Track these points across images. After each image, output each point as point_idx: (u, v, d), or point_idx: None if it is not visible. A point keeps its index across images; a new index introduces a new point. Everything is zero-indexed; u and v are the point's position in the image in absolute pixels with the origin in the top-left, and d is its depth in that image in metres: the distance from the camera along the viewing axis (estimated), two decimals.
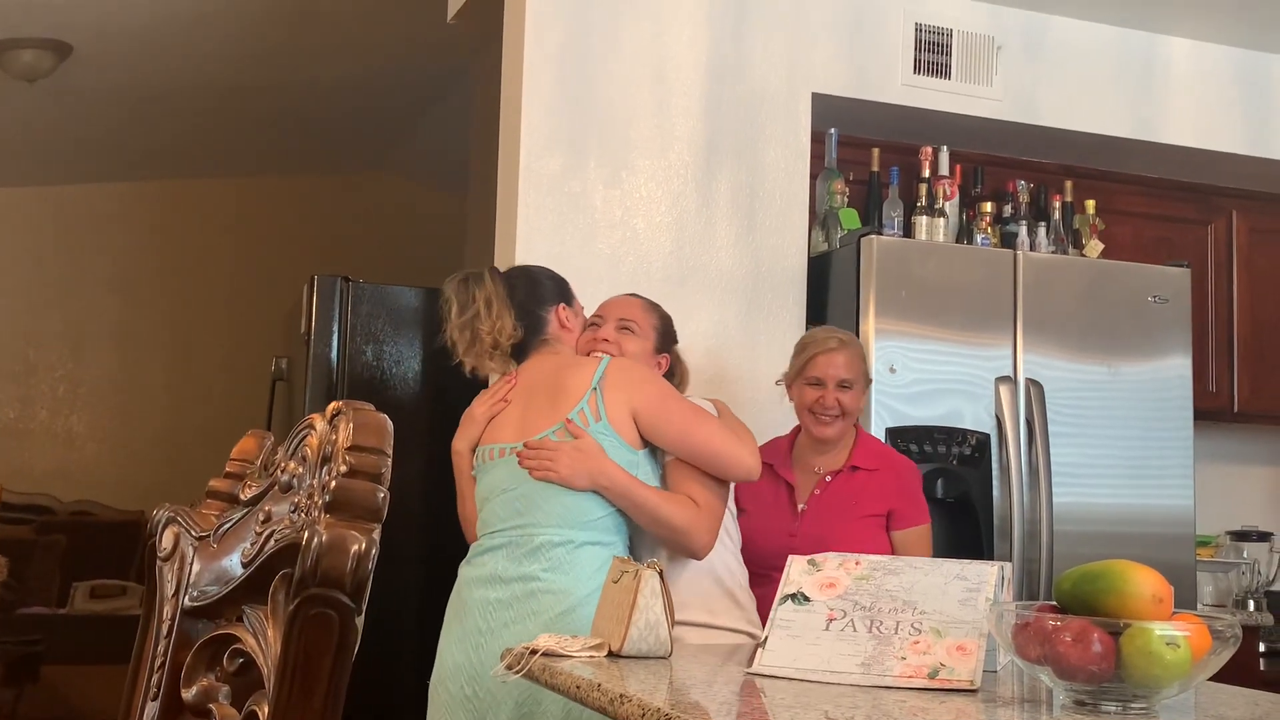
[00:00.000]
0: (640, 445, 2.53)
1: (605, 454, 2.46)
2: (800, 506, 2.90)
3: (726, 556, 2.64)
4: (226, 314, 7.65)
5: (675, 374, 2.87)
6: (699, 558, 2.53)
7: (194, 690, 1.17)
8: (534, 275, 2.78)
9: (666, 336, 2.85)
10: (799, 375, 2.98)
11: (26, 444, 7.60)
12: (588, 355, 2.70)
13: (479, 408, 2.65)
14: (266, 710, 1.01)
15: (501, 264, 3.47)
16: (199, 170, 7.54)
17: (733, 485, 2.66)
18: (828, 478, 2.94)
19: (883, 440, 3.41)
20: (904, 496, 2.93)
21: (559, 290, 2.77)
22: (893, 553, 2.84)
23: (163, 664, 1.22)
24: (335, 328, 3.83)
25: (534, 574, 2.42)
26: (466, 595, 2.49)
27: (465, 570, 2.55)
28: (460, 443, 2.67)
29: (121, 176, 7.49)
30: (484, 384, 2.81)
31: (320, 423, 1.11)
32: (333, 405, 1.10)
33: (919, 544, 2.90)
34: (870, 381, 3.07)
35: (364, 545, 0.95)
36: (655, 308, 2.87)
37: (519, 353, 2.66)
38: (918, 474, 3.08)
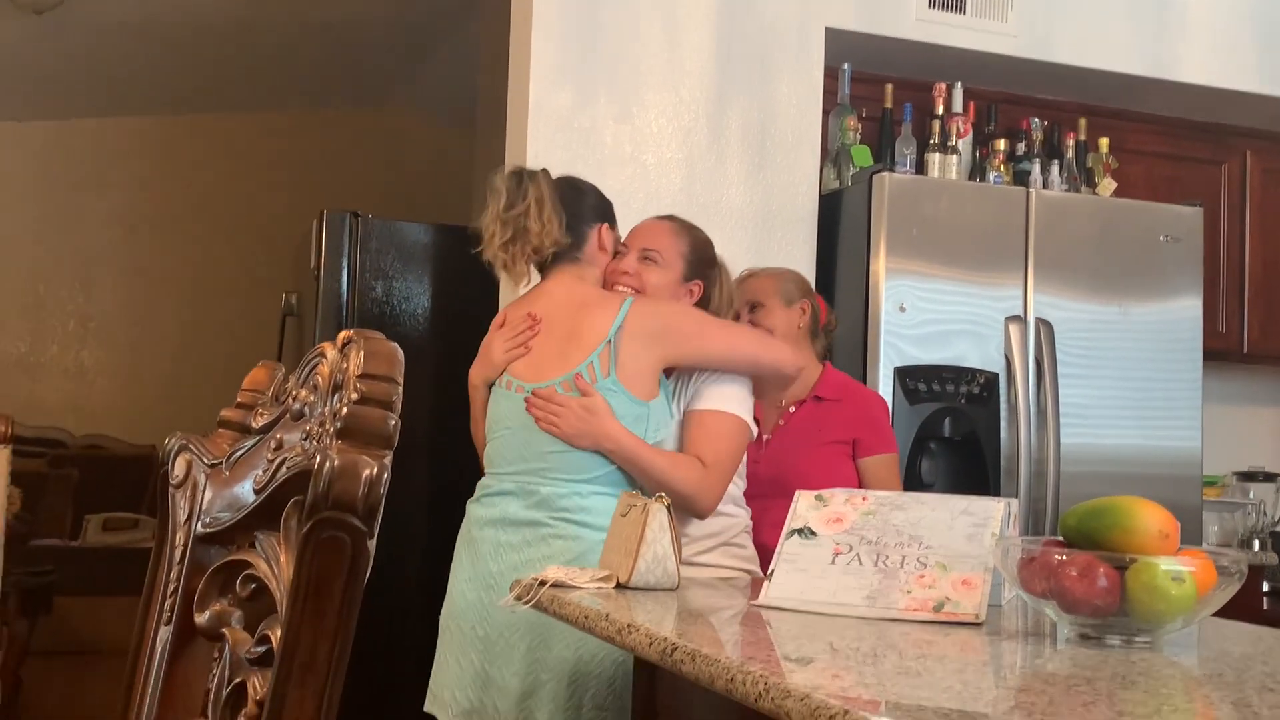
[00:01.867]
0: (651, 395, 2.46)
1: (612, 415, 2.40)
2: (765, 436, 2.91)
3: (730, 505, 2.62)
4: (236, 249, 7.65)
5: (711, 298, 2.71)
6: (701, 518, 2.50)
7: (207, 615, 1.18)
8: (583, 188, 2.69)
9: (698, 262, 2.68)
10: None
11: (37, 378, 7.64)
12: (610, 288, 2.61)
13: (499, 350, 2.55)
14: (279, 634, 1.02)
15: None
16: (207, 105, 7.50)
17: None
18: (791, 408, 2.95)
19: (891, 379, 3.42)
20: (869, 425, 2.93)
21: (604, 209, 2.68)
22: (858, 480, 2.86)
23: (175, 589, 1.23)
24: (345, 263, 3.84)
25: (543, 520, 2.40)
26: (477, 534, 2.47)
27: (475, 509, 2.52)
28: (476, 377, 2.61)
29: (131, 111, 7.46)
30: (493, 295, 2.77)
31: (331, 351, 1.11)
32: (343, 334, 1.10)
33: (885, 472, 2.90)
34: (804, 300, 3.00)
35: (376, 470, 0.95)
36: (685, 231, 2.70)
37: (552, 262, 2.58)
38: (884, 405, 3.10)
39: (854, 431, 2.91)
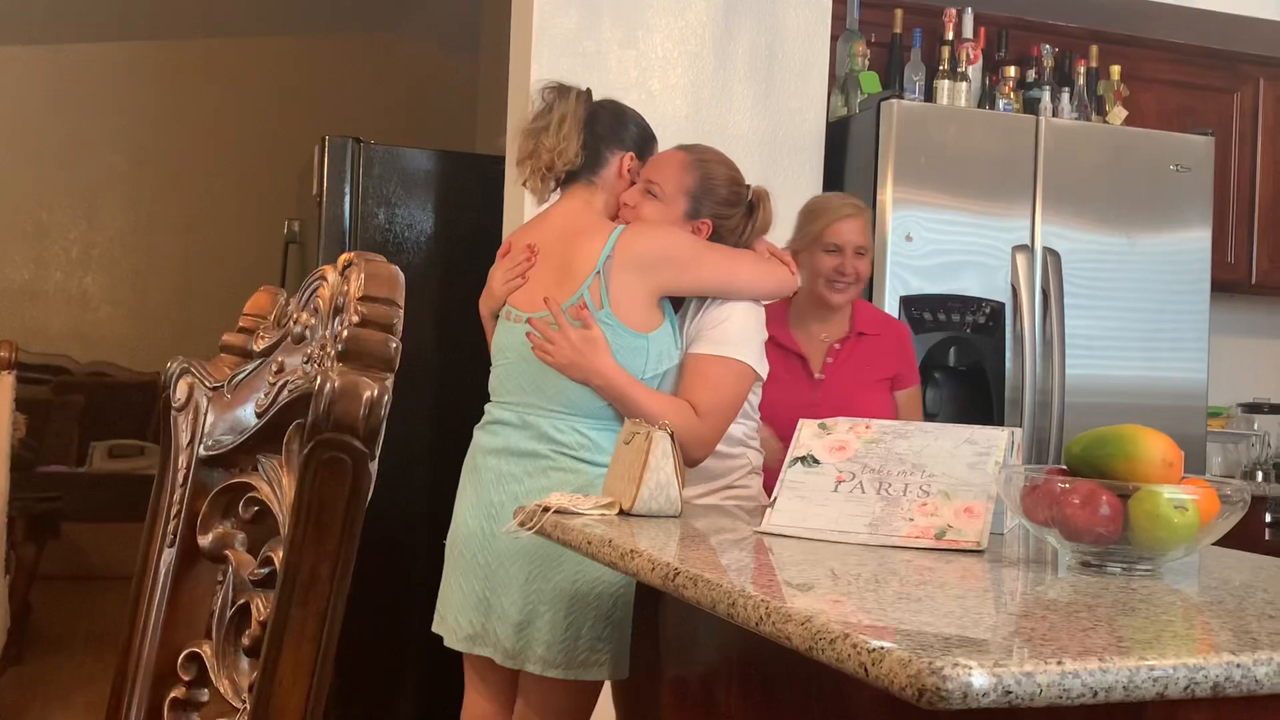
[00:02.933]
0: (649, 327, 2.40)
1: (608, 350, 2.36)
2: (818, 375, 2.89)
3: (735, 446, 2.58)
4: (239, 175, 7.61)
5: (729, 238, 2.54)
6: (692, 466, 2.39)
7: (210, 537, 1.18)
8: (624, 115, 2.61)
9: (709, 201, 2.51)
10: (815, 242, 2.88)
11: (41, 305, 7.64)
12: (613, 218, 2.54)
13: (498, 282, 2.54)
14: (281, 555, 1.02)
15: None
16: (211, 30, 7.43)
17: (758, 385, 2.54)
18: (836, 345, 2.92)
19: (897, 308, 3.41)
20: (906, 359, 2.98)
21: (639, 140, 2.59)
22: (897, 413, 2.88)
23: (179, 512, 1.23)
24: (347, 190, 3.81)
25: (544, 453, 2.40)
26: (480, 463, 2.47)
27: (480, 436, 2.52)
28: (483, 308, 2.61)
29: (133, 35, 7.39)
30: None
31: (332, 274, 1.10)
32: (344, 256, 1.09)
33: (916, 403, 2.99)
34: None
35: (376, 392, 0.94)
36: (697, 167, 2.51)
37: (567, 181, 2.55)
38: (911, 336, 3.14)
39: (895, 366, 2.95)
